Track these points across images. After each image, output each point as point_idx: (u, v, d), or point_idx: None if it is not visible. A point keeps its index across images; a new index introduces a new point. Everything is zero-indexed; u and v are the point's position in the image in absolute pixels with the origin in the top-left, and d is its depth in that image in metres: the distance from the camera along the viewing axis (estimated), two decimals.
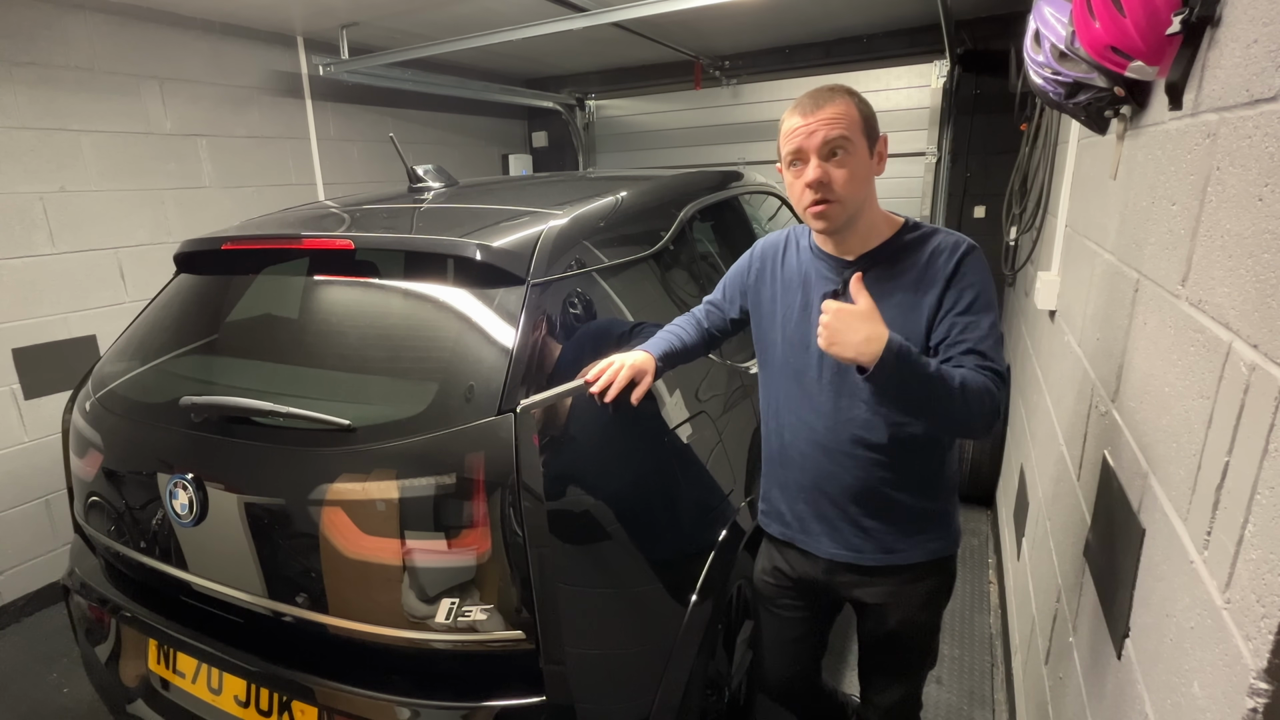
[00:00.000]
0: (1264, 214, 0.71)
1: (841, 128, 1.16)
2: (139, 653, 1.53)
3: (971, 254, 1.21)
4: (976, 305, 1.18)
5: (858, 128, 1.18)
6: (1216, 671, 0.72)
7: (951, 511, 1.37)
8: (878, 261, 1.25)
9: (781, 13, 3.83)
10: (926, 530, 1.33)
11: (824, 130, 1.16)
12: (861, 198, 1.21)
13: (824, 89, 1.20)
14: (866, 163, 1.21)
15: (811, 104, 1.19)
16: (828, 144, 1.16)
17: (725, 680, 1.75)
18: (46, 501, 2.93)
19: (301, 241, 1.50)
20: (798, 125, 1.19)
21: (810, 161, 1.18)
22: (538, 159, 5.99)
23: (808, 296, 1.32)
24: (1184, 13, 0.93)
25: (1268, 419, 0.66)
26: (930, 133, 4.52)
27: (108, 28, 2.97)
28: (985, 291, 1.19)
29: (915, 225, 1.28)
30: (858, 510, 1.33)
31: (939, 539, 1.34)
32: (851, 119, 1.18)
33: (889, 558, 1.34)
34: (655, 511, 1.47)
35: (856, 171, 1.19)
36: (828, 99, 1.18)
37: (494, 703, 1.21)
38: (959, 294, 1.18)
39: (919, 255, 1.23)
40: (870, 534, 1.33)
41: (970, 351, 1.15)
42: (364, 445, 1.22)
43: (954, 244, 1.22)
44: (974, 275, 1.19)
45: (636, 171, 2.37)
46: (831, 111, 1.17)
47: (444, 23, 3.64)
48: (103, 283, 3.02)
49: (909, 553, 1.33)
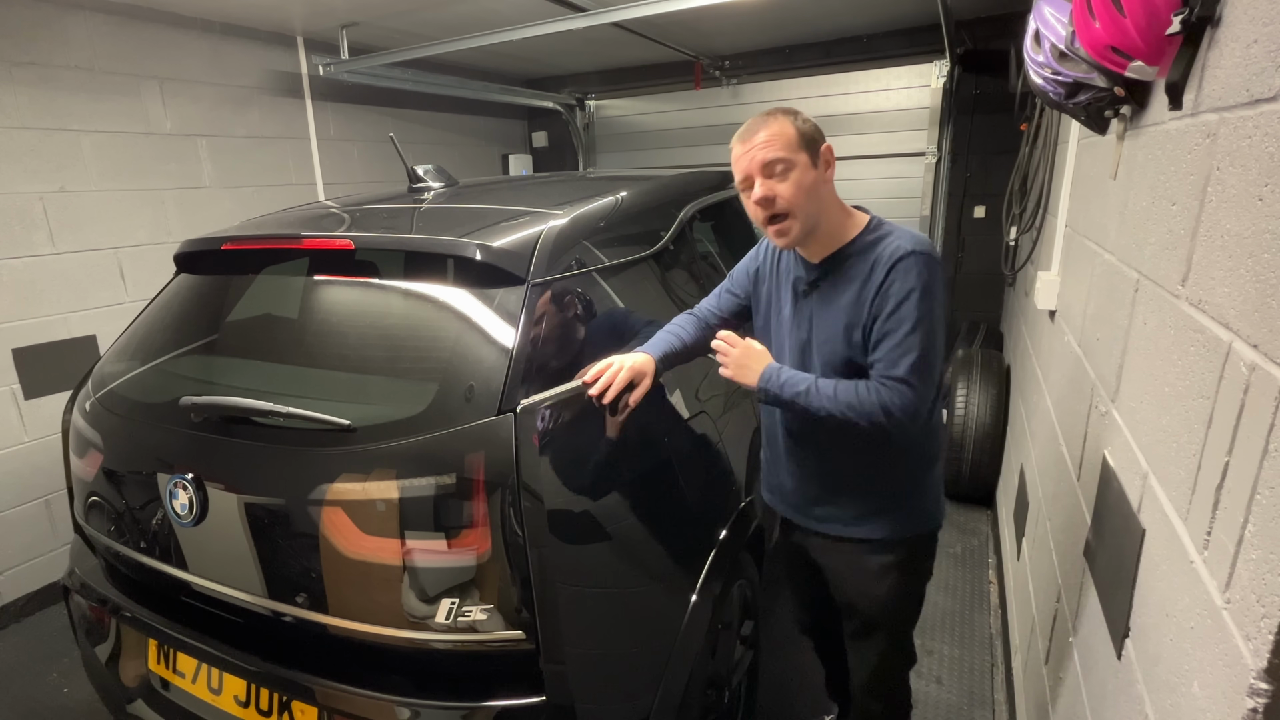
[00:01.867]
0: (1264, 214, 0.71)
1: (777, 148, 1.25)
2: (139, 653, 1.53)
3: (903, 261, 1.24)
4: (896, 314, 1.23)
5: (794, 144, 1.26)
6: (1216, 671, 0.72)
7: (920, 495, 1.44)
8: (836, 264, 1.33)
9: (781, 13, 3.83)
10: (891, 511, 1.42)
11: (760, 153, 1.26)
12: (814, 208, 1.28)
13: (760, 116, 1.29)
14: (810, 174, 1.27)
15: (749, 131, 1.28)
16: (766, 165, 1.25)
17: (725, 680, 1.75)
18: (46, 501, 2.93)
19: (301, 241, 1.50)
20: (739, 153, 1.29)
21: (756, 182, 1.27)
22: (538, 159, 5.99)
23: (791, 293, 1.42)
24: (1184, 13, 0.93)
25: (1268, 419, 0.66)
26: (930, 133, 4.52)
27: (108, 28, 2.97)
28: (908, 299, 1.22)
29: (877, 225, 1.34)
30: (821, 489, 1.46)
31: (903, 520, 1.43)
32: (787, 138, 1.25)
33: (848, 529, 1.45)
34: (655, 511, 1.47)
35: (801, 183, 1.26)
36: (762, 124, 1.27)
37: (494, 703, 1.21)
38: (882, 302, 1.25)
39: (866, 260, 1.29)
40: (836, 508, 1.46)
41: (875, 362, 1.26)
42: (364, 445, 1.22)
43: (893, 251, 1.26)
44: (901, 283, 1.23)
45: (636, 171, 2.37)
46: (766, 134, 1.26)
47: (444, 23, 3.64)
48: (103, 283, 3.02)
49: (868, 529, 1.43)
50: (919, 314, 1.22)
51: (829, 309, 1.33)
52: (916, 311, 1.22)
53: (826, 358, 1.34)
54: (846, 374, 1.31)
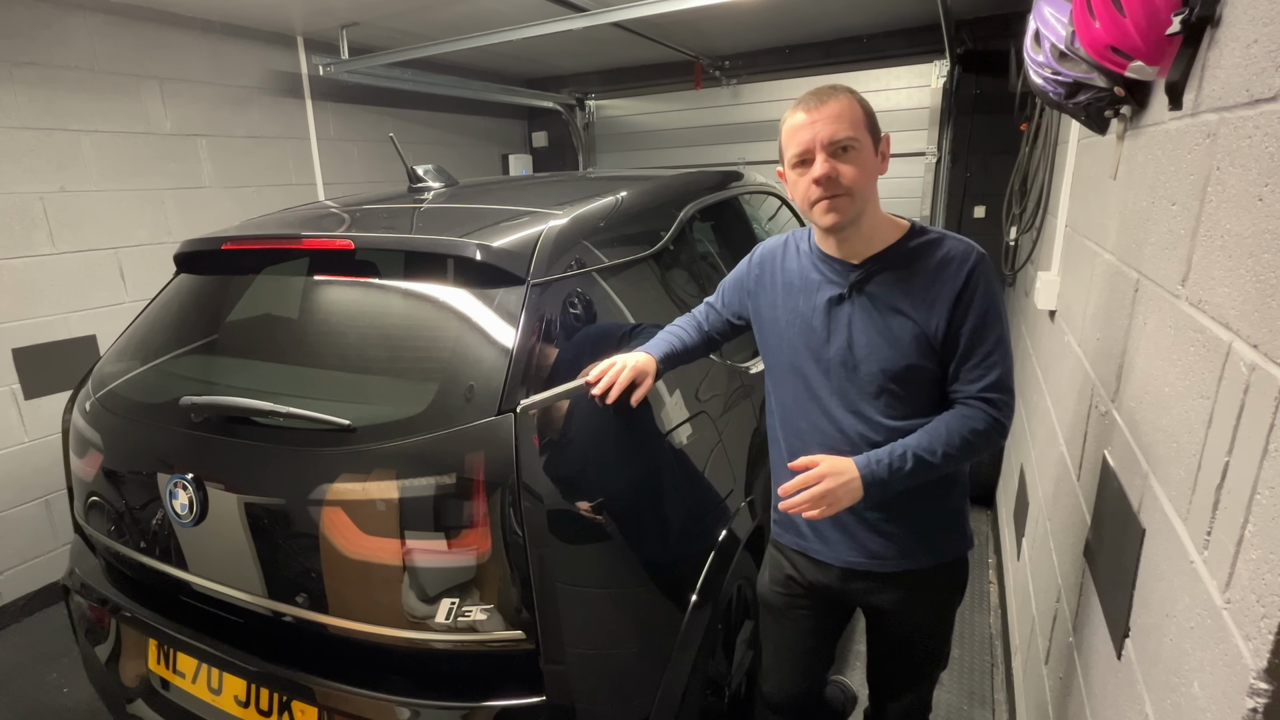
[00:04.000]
0: (1264, 214, 0.71)
1: (847, 124, 1.16)
2: (139, 653, 1.53)
3: (982, 264, 1.20)
4: (988, 323, 1.18)
5: (862, 125, 1.18)
6: (1216, 671, 0.72)
7: (965, 510, 1.36)
8: (886, 265, 1.23)
9: (781, 13, 3.83)
10: (945, 531, 1.32)
11: (830, 127, 1.15)
12: (868, 195, 1.20)
13: (825, 87, 1.20)
14: (872, 159, 1.19)
15: (816, 100, 1.18)
16: (835, 141, 1.15)
17: (725, 680, 1.75)
18: (46, 501, 2.93)
19: (301, 241, 1.50)
20: (801, 122, 1.18)
21: (818, 158, 1.17)
22: (538, 159, 5.99)
23: (812, 300, 1.30)
24: (1184, 13, 0.93)
25: (1268, 419, 0.66)
26: (930, 133, 4.52)
27: (108, 28, 2.97)
28: (994, 305, 1.19)
29: (922, 229, 1.26)
30: (877, 515, 1.29)
31: (956, 539, 1.34)
32: (856, 116, 1.17)
33: (906, 562, 1.31)
34: (655, 511, 1.46)
35: (864, 167, 1.18)
36: (830, 95, 1.17)
37: (494, 703, 1.21)
38: (968, 308, 1.18)
39: (928, 262, 1.21)
40: (890, 539, 1.30)
41: (969, 377, 1.19)
42: (364, 445, 1.22)
43: (964, 252, 1.20)
44: (984, 287, 1.18)
45: (636, 171, 2.37)
46: (836, 108, 1.16)
47: (444, 23, 3.64)
48: (103, 283, 3.02)
49: (927, 556, 1.31)
50: (1003, 323, 1.19)
51: (882, 315, 1.22)
52: (1001, 321, 1.19)
53: (882, 365, 1.22)
54: (903, 381, 1.21)
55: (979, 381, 1.18)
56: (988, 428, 1.17)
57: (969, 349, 1.18)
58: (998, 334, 1.18)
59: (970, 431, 1.17)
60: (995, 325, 1.18)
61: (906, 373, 1.21)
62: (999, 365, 1.18)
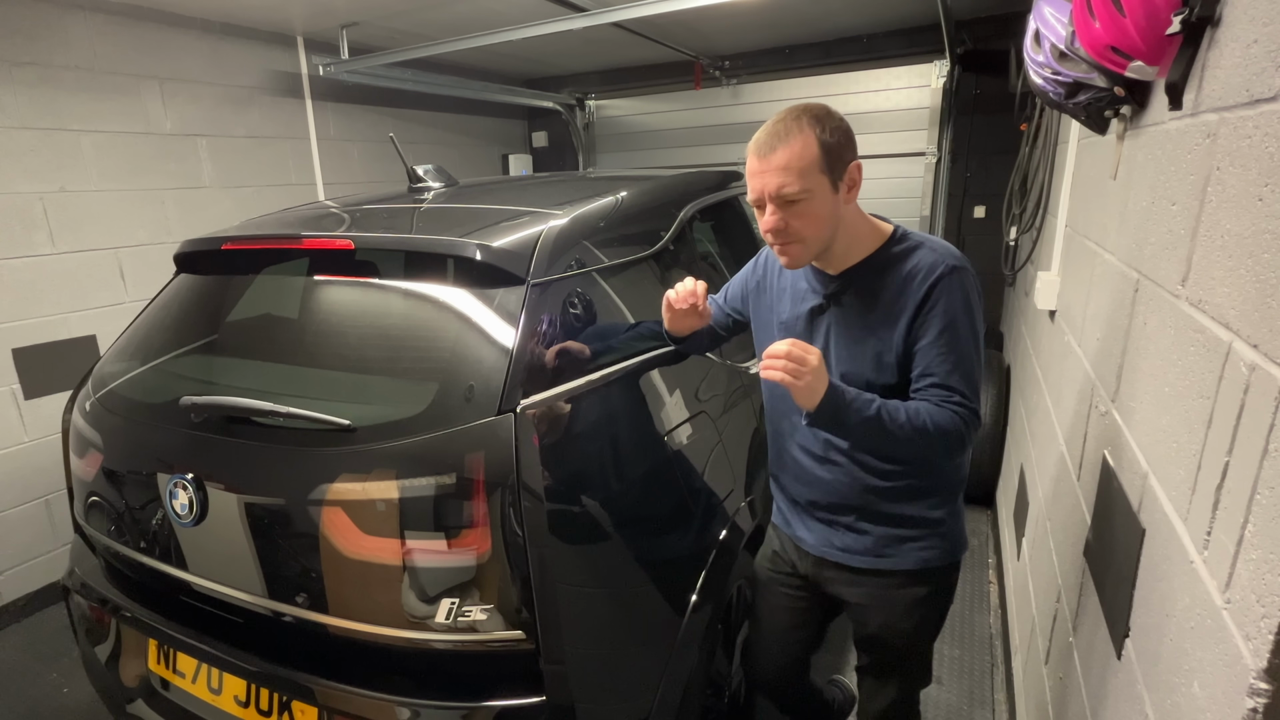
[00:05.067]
0: (1264, 214, 0.71)
1: (795, 175, 1.12)
2: (139, 653, 1.53)
3: (946, 278, 1.16)
4: (946, 334, 1.15)
5: (814, 169, 1.12)
6: (1216, 671, 0.72)
7: (950, 520, 1.33)
8: (861, 277, 1.25)
9: (781, 13, 3.83)
10: (921, 539, 1.32)
11: (777, 180, 1.13)
12: (827, 234, 1.19)
13: (782, 122, 1.14)
14: (829, 200, 1.16)
15: (768, 145, 1.14)
16: (781, 196, 1.14)
17: (725, 680, 1.75)
18: (46, 501, 2.93)
19: (301, 241, 1.50)
20: (754, 168, 1.16)
21: (768, 208, 1.16)
22: (538, 159, 5.99)
23: (799, 308, 1.34)
24: (1184, 13, 0.93)
25: (1268, 419, 0.66)
26: (930, 133, 4.52)
27: (108, 28, 2.97)
28: (957, 318, 1.16)
29: (902, 236, 1.25)
30: (850, 516, 1.34)
31: (932, 548, 1.32)
32: (807, 162, 1.12)
33: (877, 561, 1.34)
34: (655, 511, 1.47)
35: (817, 214, 1.15)
36: (783, 139, 1.12)
37: (494, 703, 1.21)
38: (926, 321, 1.16)
39: (897, 273, 1.20)
40: (864, 535, 1.34)
41: (935, 385, 1.16)
42: (364, 445, 1.22)
43: (930, 265, 1.18)
44: (946, 301, 1.15)
45: (636, 171, 2.37)
46: (785, 156, 1.12)
47: (444, 23, 3.64)
48: (103, 283, 3.02)
49: (898, 559, 1.32)
50: (968, 334, 1.16)
51: (852, 326, 1.25)
52: (964, 335, 1.15)
53: (853, 377, 1.24)
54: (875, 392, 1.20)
55: (936, 388, 1.16)
56: (954, 428, 1.13)
57: (930, 359, 1.16)
58: (960, 347, 1.15)
59: (936, 423, 1.13)
60: (954, 341, 1.15)
61: (875, 386, 1.22)
62: (958, 387, 1.15)
